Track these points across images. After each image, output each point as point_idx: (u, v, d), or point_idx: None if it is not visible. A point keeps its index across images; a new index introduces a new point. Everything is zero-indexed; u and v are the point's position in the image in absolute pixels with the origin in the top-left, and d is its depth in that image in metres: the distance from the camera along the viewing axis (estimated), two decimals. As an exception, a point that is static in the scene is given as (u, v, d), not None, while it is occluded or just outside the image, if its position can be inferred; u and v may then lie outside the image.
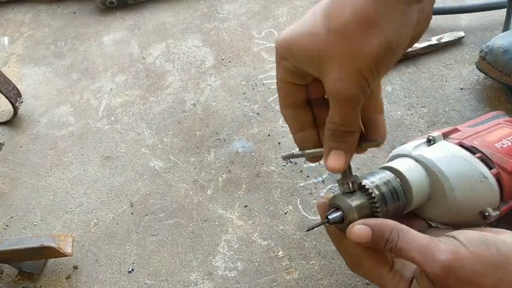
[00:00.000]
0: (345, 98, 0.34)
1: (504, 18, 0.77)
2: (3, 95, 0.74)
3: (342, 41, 0.32)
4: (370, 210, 0.40)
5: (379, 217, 0.40)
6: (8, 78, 0.77)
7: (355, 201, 0.39)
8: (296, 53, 0.35)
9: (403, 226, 0.37)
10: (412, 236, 0.36)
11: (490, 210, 0.43)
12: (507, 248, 0.34)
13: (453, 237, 0.36)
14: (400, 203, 0.42)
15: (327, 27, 0.33)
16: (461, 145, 0.46)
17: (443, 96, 0.72)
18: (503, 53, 0.64)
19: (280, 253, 0.59)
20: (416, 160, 0.44)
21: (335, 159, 0.37)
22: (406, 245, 0.36)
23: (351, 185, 0.39)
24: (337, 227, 0.41)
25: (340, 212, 0.40)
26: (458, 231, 0.37)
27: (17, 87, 0.78)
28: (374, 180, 0.41)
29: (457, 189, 0.42)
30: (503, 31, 0.76)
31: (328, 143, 0.37)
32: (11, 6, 1.04)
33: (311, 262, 0.57)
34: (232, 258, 0.59)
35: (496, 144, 0.47)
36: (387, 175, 0.42)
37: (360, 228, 0.37)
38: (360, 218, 0.39)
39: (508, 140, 0.48)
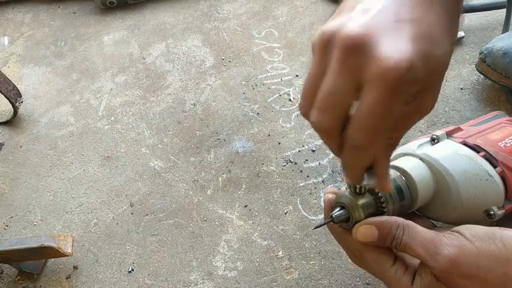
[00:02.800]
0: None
1: (504, 18, 0.77)
2: (3, 95, 0.74)
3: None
4: (375, 209, 0.39)
5: (385, 209, 0.39)
6: (8, 78, 0.77)
7: (360, 200, 0.39)
8: (434, 75, 0.31)
9: (408, 222, 0.37)
10: (416, 232, 0.36)
11: (495, 209, 0.43)
12: None
13: (458, 232, 0.35)
14: (406, 202, 0.41)
15: (452, 43, 0.33)
16: (465, 144, 0.46)
17: (443, 96, 0.72)
18: (503, 56, 0.64)
19: (280, 253, 0.59)
20: (421, 159, 0.44)
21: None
22: (410, 241, 0.35)
23: (358, 188, 0.38)
24: (343, 226, 0.40)
25: (346, 211, 0.39)
26: (464, 226, 0.36)
27: (17, 87, 0.78)
28: None
29: (462, 187, 0.42)
30: (502, 31, 0.76)
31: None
32: (11, 6, 1.04)
33: (311, 262, 0.57)
34: (232, 258, 0.59)
35: (500, 143, 0.47)
36: (392, 173, 0.42)
37: (366, 228, 0.37)
38: (366, 217, 0.38)
39: (511, 139, 0.48)
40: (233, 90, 0.79)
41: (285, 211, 0.62)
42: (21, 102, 0.79)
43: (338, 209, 0.40)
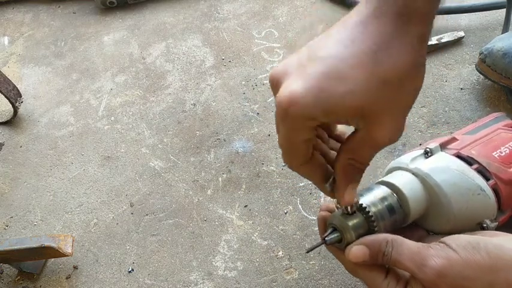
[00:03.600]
0: (390, 144, 0.34)
1: (504, 18, 0.77)
2: (3, 95, 0.74)
3: (397, 94, 0.32)
4: (367, 228, 0.41)
5: (376, 228, 0.41)
6: (8, 78, 0.77)
7: (352, 221, 0.40)
8: (337, 112, 0.32)
9: (396, 237, 0.38)
10: (404, 246, 0.37)
11: (488, 221, 0.44)
12: (499, 251, 0.35)
13: (444, 243, 0.37)
14: (397, 218, 0.42)
15: (380, 81, 0.31)
16: (459, 155, 0.47)
17: (443, 96, 0.72)
18: (503, 56, 0.64)
19: (280, 253, 0.59)
20: (414, 173, 0.45)
21: (351, 194, 0.38)
22: (399, 256, 0.37)
23: (349, 207, 0.40)
24: (336, 247, 0.42)
25: (338, 234, 0.40)
26: (451, 236, 0.37)
27: (17, 87, 0.78)
28: (371, 198, 0.42)
29: (453, 202, 0.43)
30: (502, 31, 0.76)
31: (348, 180, 0.37)
32: (11, 6, 1.04)
33: (311, 262, 0.57)
34: (232, 258, 0.59)
35: (494, 153, 0.47)
36: (384, 191, 0.43)
37: (357, 249, 0.38)
38: (358, 237, 0.40)
39: (507, 147, 0.48)
40: (233, 90, 0.79)
41: (285, 211, 0.62)
42: (21, 102, 0.79)
43: (330, 230, 0.41)
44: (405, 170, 0.46)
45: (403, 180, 0.44)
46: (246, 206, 0.64)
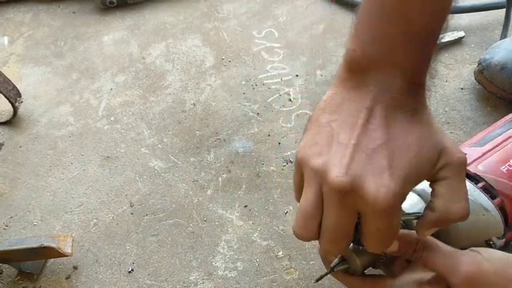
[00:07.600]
0: None
1: (504, 17, 0.77)
2: (3, 95, 0.74)
3: None
4: (373, 255, 0.41)
5: (382, 259, 0.41)
6: (8, 78, 0.76)
7: (357, 249, 0.40)
8: None
9: (430, 237, 0.38)
10: (437, 248, 0.38)
11: (494, 239, 0.45)
12: None
13: (477, 252, 0.37)
14: None
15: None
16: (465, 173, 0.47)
17: (443, 96, 0.72)
18: (500, 71, 0.65)
19: (280, 253, 0.58)
20: (419, 194, 0.46)
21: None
22: (431, 256, 0.37)
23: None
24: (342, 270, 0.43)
25: (346, 264, 0.41)
26: (482, 248, 0.38)
27: (16, 87, 0.78)
28: None
29: (459, 224, 0.43)
30: (502, 31, 0.77)
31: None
32: (11, 5, 1.04)
33: (311, 262, 0.57)
34: (232, 258, 0.59)
35: (503, 167, 0.47)
36: None
37: None
38: (364, 265, 0.41)
39: None
40: (233, 90, 0.79)
41: (285, 211, 0.62)
42: (21, 102, 0.79)
43: (338, 261, 0.43)
44: (412, 190, 0.47)
45: (409, 203, 0.45)
46: (246, 206, 0.64)
